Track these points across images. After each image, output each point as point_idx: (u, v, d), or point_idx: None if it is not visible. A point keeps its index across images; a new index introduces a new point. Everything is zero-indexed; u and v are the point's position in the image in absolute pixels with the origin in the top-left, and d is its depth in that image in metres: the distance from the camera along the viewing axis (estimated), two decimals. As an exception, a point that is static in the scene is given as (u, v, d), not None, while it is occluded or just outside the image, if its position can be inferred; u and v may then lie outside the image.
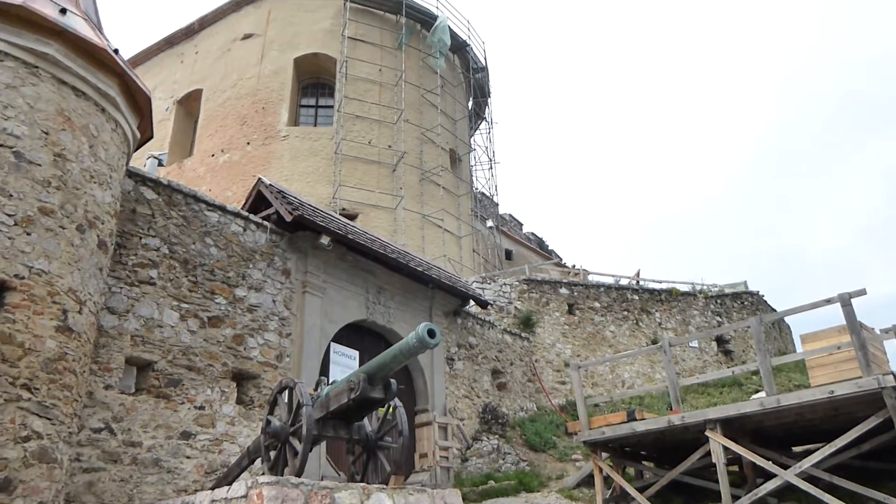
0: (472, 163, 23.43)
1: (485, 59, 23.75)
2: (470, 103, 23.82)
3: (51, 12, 6.27)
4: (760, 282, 65.76)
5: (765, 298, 19.54)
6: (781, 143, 74.76)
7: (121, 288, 6.92)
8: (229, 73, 20.48)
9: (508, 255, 24.62)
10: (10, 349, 5.11)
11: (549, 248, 30.28)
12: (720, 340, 17.26)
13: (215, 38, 21.78)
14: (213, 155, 19.44)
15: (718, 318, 17.73)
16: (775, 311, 19.13)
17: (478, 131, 24.66)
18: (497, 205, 23.87)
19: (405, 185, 18.36)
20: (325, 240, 8.99)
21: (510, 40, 75.23)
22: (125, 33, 64.51)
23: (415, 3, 21.32)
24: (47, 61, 6.08)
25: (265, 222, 8.77)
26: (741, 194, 75.34)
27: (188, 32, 22.71)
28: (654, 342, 15.80)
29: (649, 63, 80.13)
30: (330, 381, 6.46)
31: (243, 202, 9.73)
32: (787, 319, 20.39)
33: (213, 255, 7.96)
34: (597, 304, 16.14)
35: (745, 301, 18.82)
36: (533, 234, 30.58)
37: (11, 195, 5.40)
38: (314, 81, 20.55)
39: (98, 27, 7.33)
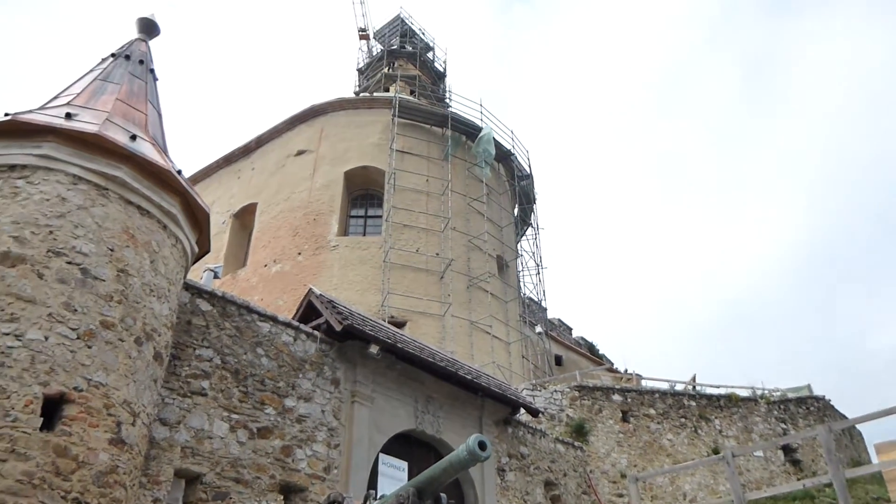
0: (520, 268, 23.49)
1: (529, 166, 24.31)
2: (516, 210, 24.18)
3: (122, 139, 6.74)
4: (825, 384, 62.52)
5: (832, 403, 18.44)
6: (842, 239, 73.23)
7: (173, 399, 6.98)
8: (283, 188, 21.36)
9: (559, 360, 24.11)
10: (65, 462, 5.15)
11: (600, 352, 29.59)
12: (787, 449, 16.20)
13: (270, 155, 22.90)
14: (265, 265, 19.97)
15: (783, 425, 16.64)
16: (845, 417, 18.01)
17: (524, 237, 24.87)
18: (545, 310, 23.68)
19: (453, 292, 18.43)
20: (374, 349, 8.96)
21: (554, 145, 77.21)
22: (189, 150, 68.66)
23: (459, 115, 22.23)
24: (116, 183, 6.48)
25: (315, 332, 8.84)
26: (799, 292, 73.25)
27: (245, 150, 23.97)
28: (715, 451, 14.89)
29: (699, 159, 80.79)
30: (378, 496, 6.23)
31: (294, 312, 9.86)
32: (859, 426, 19.08)
33: (264, 365, 8.01)
34: (652, 411, 15.43)
35: (810, 406, 17.78)
36: (583, 338, 30.03)
37: (76, 310, 5.63)
38: (363, 193, 21.25)
39: (164, 149, 7.81)
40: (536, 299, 23.51)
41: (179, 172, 7.36)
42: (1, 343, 5.17)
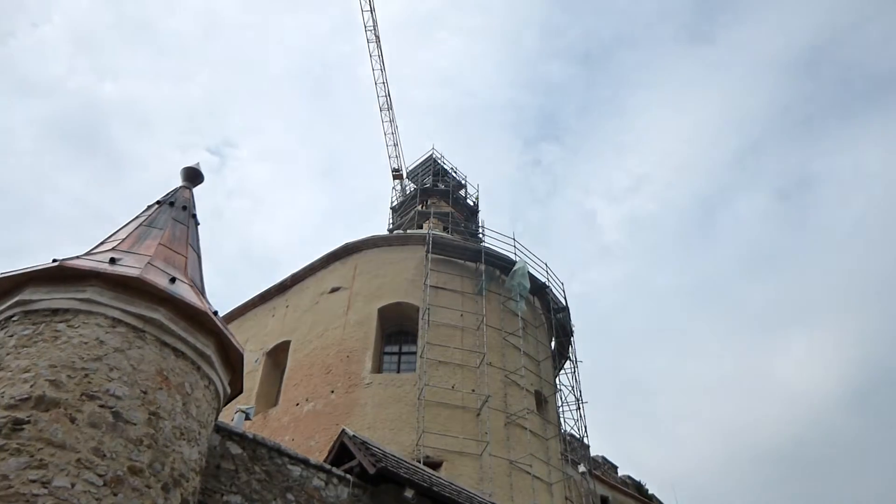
0: (559, 404, 22.79)
1: (564, 298, 24.25)
2: (552, 343, 23.86)
3: (162, 281, 6.96)
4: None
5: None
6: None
7: (199, 550, 6.70)
8: (316, 325, 21.52)
9: (604, 501, 22.84)
10: None
11: (650, 492, 28.04)
12: None
13: (305, 293, 23.29)
14: (297, 404, 19.72)
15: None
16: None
17: (562, 371, 24.32)
18: (588, 447, 22.65)
19: (490, 430, 17.86)
20: (409, 493, 8.63)
21: (589, 275, 77.41)
22: (229, 289, 70.54)
23: (493, 250, 22.55)
24: (154, 325, 6.61)
25: (348, 475, 8.57)
26: (870, 422, 69.33)
27: (281, 288, 24.43)
28: None
29: (737, 283, 79.80)
30: None
31: (326, 453, 9.62)
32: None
33: (294, 513, 7.73)
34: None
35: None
36: (629, 477, 28.56)
37: (105, 455, 5.56)
38: (397, 329, 21.25)
39: (202, 291, 8.01)
40: (578, 436, 22.58)
41: (216, 313, 7.50)
42: (27, 491, 5.09)
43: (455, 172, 32.93)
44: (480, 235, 25.35)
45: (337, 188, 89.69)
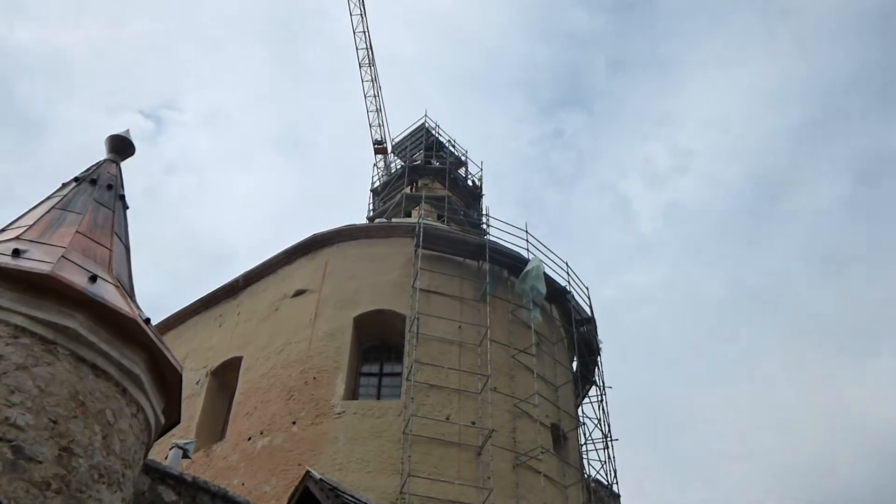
0: (582, 441, 22.80)
1: (590, 307, 24.30)
2: (574, 364, 23.91)
3: (80, 280, 6.87)
4: None
5: None
6: None
7: None
8: (275, 337, 21.49)
9: (638, 568, 22.91)
10: None
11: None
12: None
13: (261, 296, 23.28)
14: (249, 438, 19.69)
15: None
16: None
17: (587, 399, 24.34)
18: (618, 497, 22.68)
19: (494, 474, 17.84)
20: (389, 553, 8.64)
21: (620, 279, 77.58)
22: (162, 289, 70.60)
23: (500, 246, 22.56)
24: (68, 336, 6.52)
25: (312, 530, 8.58)
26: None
27: (231, 290, 24.41)
28: None
29: (805, 294, 79.99)
30: None
31: (286, 502, 9.60)
32: None
33: (244, 577, 7.72)
34: None
35: None
36: (669, 536, 28.63)
37: (1, 502, 5.50)
38: (378, 343, 21.27)
39: (130, 292, 7.97)
40: (605, 482, 22.60)
41: (147, 322, 7.46)
42: None
43: (453, 146, 33.01)
44: (484, 226, 25.36)
45: (304, 164, 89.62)
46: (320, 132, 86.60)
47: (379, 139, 34.41)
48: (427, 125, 33.21)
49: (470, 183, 32.10)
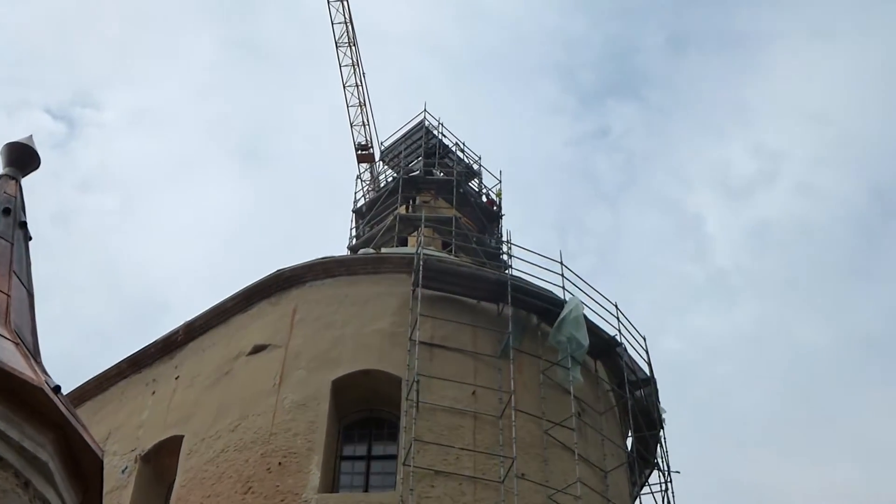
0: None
1: (648, 363, 24.17)
2: (629, 441, 23.71)
3: (-36, 339, 6.83)
4: None
5: None
6: None
7: None
8: (227, 409, 21.31)
9: None
10: None
11: None
12: None
13: (207, 354, 23.17)
14: (193, 549, 19.56)
15: None
16: None
17: (646, 487, 24.08)
18: None
19: (522, 591, 17.65)
20: None
21: (683, 324, 77.20)
22: (72, 350, 70.30)
23: (526, 283, 22.47)
24: (-49, 412, 6.50)
25: None
26: None
27: (167, 346, 24.28)
28: None
29: None
30: None
31: None
32: None
33: None
34: None
35: None
36: None
37: None
38: (365, 416, 21.19)
39: (33, 352, 7.94)
40: None
41: (57, 390, 7.43)
42: None
43: (462, 151, 33.09)
44: (505, 257, 25.35)
45: (265, 178, 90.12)
46: (285, 136, 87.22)
47: (363, 142, 34.54)
48: (427, 124, 33.30)
49: (485, 199, 32.13)
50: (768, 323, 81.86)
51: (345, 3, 36.56)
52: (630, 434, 23.77)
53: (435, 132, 33.07)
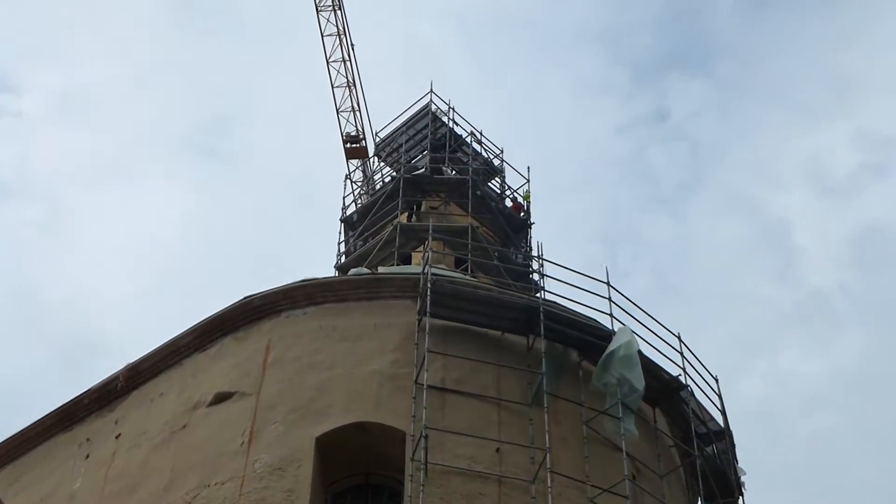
0: None
1: (722, 412, 24.10)
2: (698, 505, 23.58)
3: None
4: None
5: None
6: None
7: None
8: (182, 476, 21.21)
9: None
10: None
11: None
12: None
13: (156, 406, 23.13)
14: None
15: None
16: None
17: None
18: None
19: None
20: None
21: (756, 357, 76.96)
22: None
23: (561, 311, 22.25)
24: None
25: None
26: None
27: (104, 396, 24.25)
28: None
29: None
30: None
31: None
32: None
33: None
34: None
35: None
36: None
37: None
38: (358, 482, 21.17)
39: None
40: None
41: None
42: None
43: (480, 143, 32.96)
44: (536, 276, 25.13)
45: (227, 179, 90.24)
46: (253, 125, 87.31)
47: (353, 133, 34.49)
48: (434, 108, 33.25)
49: (509, 203, 32.00)
50: (880, 360, 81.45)
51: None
52: (699, 502, 23.58)
53: (444, 119, 33.02)
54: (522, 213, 31.65)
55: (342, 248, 31.58)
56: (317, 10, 36.22)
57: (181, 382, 23.13)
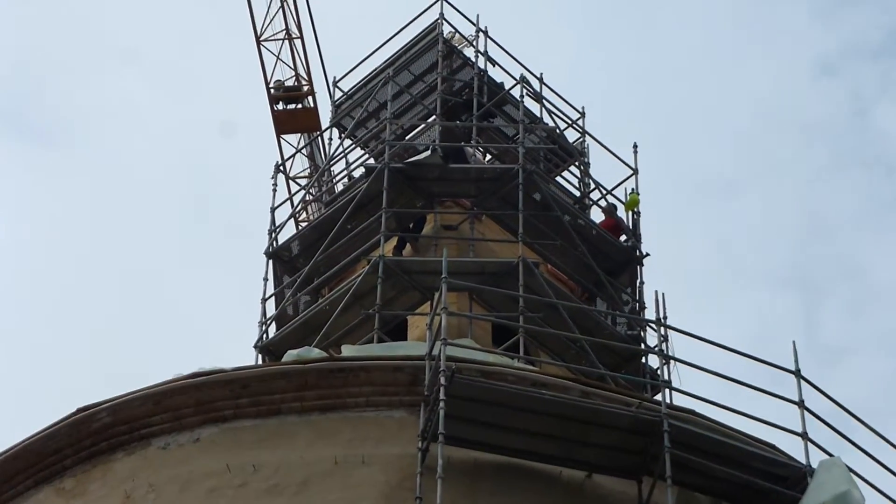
0: None
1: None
2: None
3: None
4: None
5: None
6: None
7: None
8: None
9: None
10: None
11: None
12: None
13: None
14: None
15: None
16: None
17: None
18: None
19: None
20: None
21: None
22: None
23: (706, 432, 21.45)
24: None
25: None
26: None
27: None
28: None
29: None
30: None
31: None
32: None
33: None
34: None
35: None
36: None
37: None
38: None
39: None
40: None
41: None
42: None
43: (541, 101, 32.25)
44: (654, 360, 24.58)
45: (64, 180, 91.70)
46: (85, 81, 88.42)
47: (291, 83, 33.85)
48: (447, 33, 32.72)
49: (598, 214, 31.24)
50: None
51: None
52: None
53: (469, 50, 32.40)
54: (623, 237, 30.79)
55: (270, 308, 30.89)
56: None
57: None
